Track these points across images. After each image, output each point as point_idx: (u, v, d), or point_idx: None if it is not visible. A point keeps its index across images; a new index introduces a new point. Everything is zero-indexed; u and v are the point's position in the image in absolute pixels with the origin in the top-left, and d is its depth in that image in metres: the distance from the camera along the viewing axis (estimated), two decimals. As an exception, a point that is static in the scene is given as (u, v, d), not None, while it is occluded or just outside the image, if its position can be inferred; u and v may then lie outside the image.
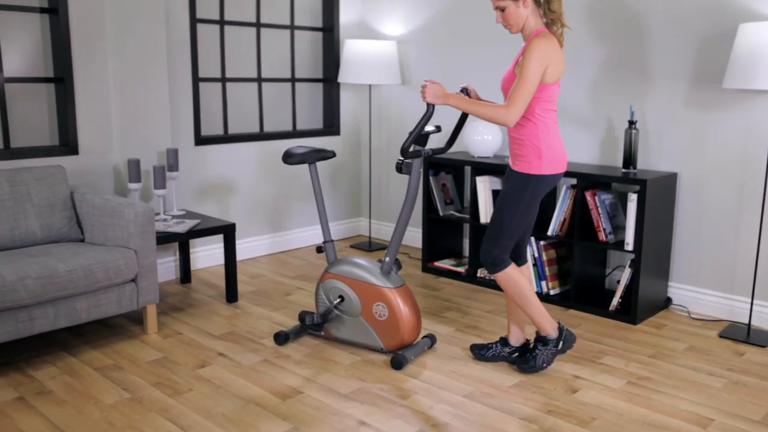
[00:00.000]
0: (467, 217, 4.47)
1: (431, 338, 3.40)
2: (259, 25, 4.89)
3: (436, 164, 4.65)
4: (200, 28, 4.56)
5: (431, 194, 4.60)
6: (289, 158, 3.43)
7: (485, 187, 4.28)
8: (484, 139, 4.39)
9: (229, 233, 3.96)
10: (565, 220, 3.98)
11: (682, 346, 3.47)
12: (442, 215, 4.59)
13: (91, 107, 3.97)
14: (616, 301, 3.83)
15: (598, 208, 3.82)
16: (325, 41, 5.31)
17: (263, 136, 4.94)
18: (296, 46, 5.15)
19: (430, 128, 3.15)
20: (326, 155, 3.50)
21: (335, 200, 5.52)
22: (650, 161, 3.98)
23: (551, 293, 4.09)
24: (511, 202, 2.93)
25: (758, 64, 3.16)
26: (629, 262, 3.79)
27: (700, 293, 3.90)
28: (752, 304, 3.54)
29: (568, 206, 3.96)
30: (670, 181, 3.81)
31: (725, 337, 3.55)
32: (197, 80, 4.48)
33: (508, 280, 3.01)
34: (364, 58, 4.85)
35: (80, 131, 3.95)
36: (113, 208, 3.44)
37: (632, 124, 3.81)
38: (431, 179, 4.59)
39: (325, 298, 3.43)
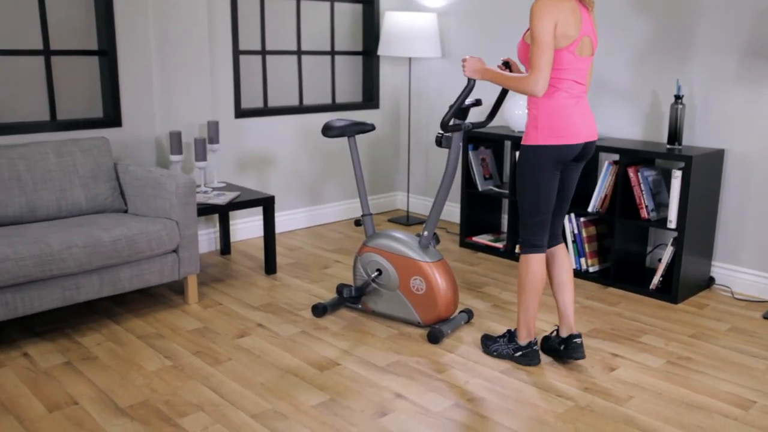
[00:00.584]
0: (506, 192, 4.43)
1: (468, 313, 3.40)
2: (299, -3, 4.88)
3: (475, 138, 4.61)
4: (241, 1, 4.56)
5: (470, 169, 4.57)
6: (328, 131, 3.43)
7: (525, 162, 4.23)
8: (524, 113, 4.33)
9: (268, 206, 3.99)
10: (606, 196, 3.92)
11: (724, 326, 3.41)
12: (480, 190, 4.56)
13: (134, 80, 4.02)
14: (657, 279, 3.77)
15: (641, 184, 3.75)
16: (365, 13, 5.27)
17: (302, 109, 4.95)
18: (336, 18, 5.12)
19: (470, 102, 3.12)
20: (366, 128, 3.49)
21: (373, 174, 5.52)
22: (696, 137, 3.88)
23: (590, 270, 4.04)
24: (519, 178, 2.83)
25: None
26: (671, 240, 3.73)
27: (744, 273, 3.82)
28: (799, 285, 3.46)
29: (609, 182, 3.90)
30: (716, 157, 3.72)
31: (769, 318, 3.49)
32: (237, 53, 4.50)
33: (525, 267, 2.88)
34: (404, 30, 4.81)
35: (123, 103, 4.01)
36: (155, 179, 3.49)
37: (678, 98, 3.71)
38: (470, 153, 4.55)
39: (363, 271, 3.45)
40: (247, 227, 4.79)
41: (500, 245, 4.50)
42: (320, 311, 3.46)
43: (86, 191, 3.53)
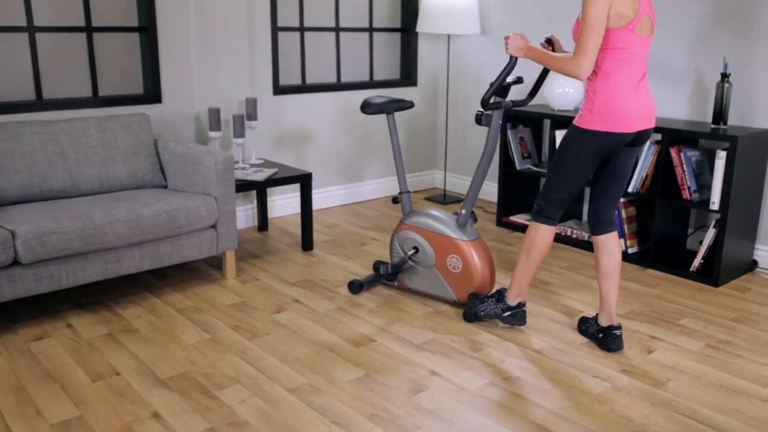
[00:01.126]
0: (544, 171, 4.38)
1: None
2: (337, -27, 4.86)
3: (514, 117, 4.56)
4: (280, -24, 4.56)
5: (509, 147, 4.52)
6: (367, 108, 3.42)
7: (564, 141, 4.17)
8: (565, 92, 4.27)
9: (305, 182, 4.01)
10: (647, 176, 3.85)
11: (766, 310, 3.34)
12: (518, 169, 4.52)
13: (173, 57, 4.05)
14: (697, 262, 3.71)
15: (683, 165, 3.68)
16: (403, -10, 5.23)
17: (340, 86, 4.94)
18: (375, -6, 5.10)
19: (511, 79, 3.08)
20: (405, 105, 3.48)
21: (410, 152, 5.50)
22: (742, 117, 3.78)
23: (629, 251, 3.99)
24: (559, 153, 2.79)
25: None
26: (714, 222, 3.65)
27: (789, 256, 3.73)
28: None
29: (651, 162, 3.83)
30: (762, 138, 3.62)
31: (814, 302, 3.41)
32: (276, 29, 4.50)
33: (534, 233, 2.90)
34: (443, 7, 4.76)
35: (163, 80, 4.05)
36: (194, 156, 3.53)
37: (725, 77, 3.61)
38: (509, 132, 4.51)
39: (399, 248, 3.45)
40: (284, 204, 4.83)
41: (537, 225, 4.45)
42: (356, 288, 3.48)
43: (127, 167, 3.59)
